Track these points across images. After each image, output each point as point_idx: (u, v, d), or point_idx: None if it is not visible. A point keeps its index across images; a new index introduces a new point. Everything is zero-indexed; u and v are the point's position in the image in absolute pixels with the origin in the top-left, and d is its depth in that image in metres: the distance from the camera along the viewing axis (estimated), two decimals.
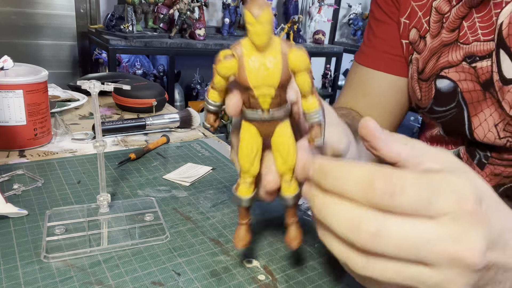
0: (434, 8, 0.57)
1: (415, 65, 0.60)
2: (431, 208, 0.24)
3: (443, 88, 0.56)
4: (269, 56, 0.26)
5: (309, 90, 0.28)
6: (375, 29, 0.67)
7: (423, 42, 0.58)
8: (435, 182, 0.25)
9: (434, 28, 0.57)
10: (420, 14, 0.58)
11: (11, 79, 0.59)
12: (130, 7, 1.81)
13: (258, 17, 0.24)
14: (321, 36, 2.51)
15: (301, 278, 0.39)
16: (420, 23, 0.59)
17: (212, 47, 1.99)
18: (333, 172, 0.26)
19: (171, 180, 0.57)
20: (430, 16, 0.57)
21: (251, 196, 0.33)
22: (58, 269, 0.37)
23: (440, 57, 0.56)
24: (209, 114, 0.32)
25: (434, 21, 0.57)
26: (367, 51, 0.68)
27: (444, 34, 0.55)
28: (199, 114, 0.82)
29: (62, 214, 0.45)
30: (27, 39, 1.93)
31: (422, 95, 0.60)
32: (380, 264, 0.25)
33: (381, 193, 0.24)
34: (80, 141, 0.68)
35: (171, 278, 0.37)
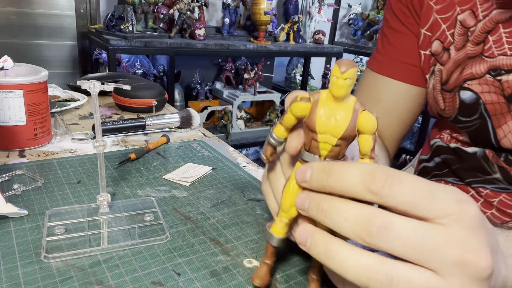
0: (459, 22, 0.57)
1: (438, 76, 0.61)
2: (432, 207, 0.24)
3: (466, 99, 0.57)
4: (342, 110, 0.28)
5: (368, 152, 0.30)
6: (390, 37, 0.67)
7: (447, 54, 0.59)
8: (433, 184, 0.25)
9: (458, 41, 0.57)
10: (444, 26, 0.59)
11: (11, 79, 0.59)
12: (130, 7, 1.81)
13: (344, 73, 0.27)
14: (321, 36, 2.51)
15: (301, 278, 0.39)
16: (444, 36, 0.59)
17: (212, 47, 1.99)
18: (335, 168, 0.27)
19: (171, 180, 0.57)
20: (455, 29, 0.57)
21: (283, 237, 0.33)
22: (58, 269, 0.37)
23: (464, 69, 0.57)
24: (268, 146, 0.33)
25: (458, 34, 0.57)
26: (382, 59, 0.68)
27: (469, 47, 0.56)
28: (199, 114, 0.82)
29: (62, 214, 0.45)
30: (27, 39, 1.93)
31: (446, 105, 0.60)
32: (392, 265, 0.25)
33: (381, 182, 0.25)
34: (80, 141, 0.68)
35: (171, 278, 0.37)
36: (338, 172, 0.26)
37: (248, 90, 2.27)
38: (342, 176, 0.26)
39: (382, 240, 0.24)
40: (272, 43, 2.26)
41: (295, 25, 2.38)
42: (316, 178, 0.28)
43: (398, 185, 0.25)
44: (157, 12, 1.96)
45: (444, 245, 0.24)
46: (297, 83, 2.69)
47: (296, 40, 2.42)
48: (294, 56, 2.68)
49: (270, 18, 2.20)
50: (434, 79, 0.62)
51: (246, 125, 2.35)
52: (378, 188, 0.25)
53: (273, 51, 2.22)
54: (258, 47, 2.14)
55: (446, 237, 0.24)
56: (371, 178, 0.25)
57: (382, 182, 0.25)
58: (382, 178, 0.25)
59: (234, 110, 2.20)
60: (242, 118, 2.34)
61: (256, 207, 0.52)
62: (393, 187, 0.25)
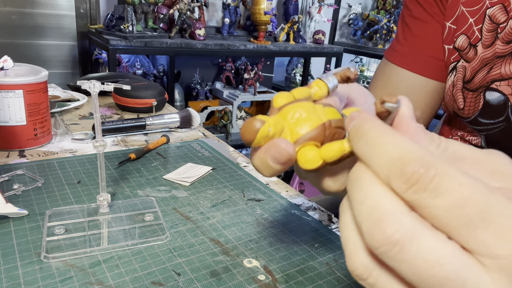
0: (488, 16, 0.53)
1: (460, 73, 0.57)
2: (473, 239, 0.18)
3: (493, 100, 0.54)
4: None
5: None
6: (412, 27, 0.63)
7: (473, 51, 0.55)
8: (493, 196, 0.17)
9: (487, 38, 0.54)
10: (471, 20, 0.55)
11: (11, 79, 0.59)
12: (130, 7, 1.81)
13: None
14: (321, 36, 2.50)
15: (301, 278, 0.39)
16: (471, 31, 0.55)
17: (212, 47, 1.99)
18: (369, 134, 0.20)
19: (171, 180, 0.57)
20: (483, 24, 0.54)
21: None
22: (58, 269, 0.37)
23: (492, 68, 0.53)
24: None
25: (487, 30, 0.53)
26: (402, 50, 0.64)
27: (498, 45, 0.53)
28: (199, 114, 0.82)
29: (62, 214, 0.45)
30: (27, 39, 1.93)
31: (466, 105, 0.57)
32: (385, 280, 0.20)
33: (408, 181, 0.18)
34: (80, 141, 0.68)
35: (171, 278, 0.37)
36: (367, 142, 0.20)
37: (248, 90, 2.27)
38: (369, 149, 0.20)
39: (386, 253, 0.18)
40: (272, 43, 2.26)
41: (295, 25, 2.37)
42: (350, 135, 0.22)
43: (431, 194, 0.18)
44: (157, 12, 1.96)
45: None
46: (297, 83, 2.69)
47: (296, 40, 2.42)
48: (294, 56, 2.67)
49: (270, 18, 2.19)
50: (456, 76, 0.58)
51: None
52: (402, 188, 0.19)
53: (273, 51, 2.22)
54: (258, 47, 2.14)
55: (480, 284, 0.17)
56: (398, 171, 0.19)
57: (409, 182, 0.18)
58: (412, 176, 0.18)
59: (234, 110, 2.20)
60: (242, 118, 2.34)
61: (256, 207, 0.52)
62: (423, 195, 0.18)
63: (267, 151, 0.25)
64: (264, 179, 0.61)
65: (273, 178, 0.62)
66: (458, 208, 0.17)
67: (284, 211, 0.52)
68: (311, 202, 0.55)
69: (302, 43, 2.44)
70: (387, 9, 2.88)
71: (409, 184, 0.18)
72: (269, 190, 0.57)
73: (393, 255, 0.18)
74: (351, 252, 0.21)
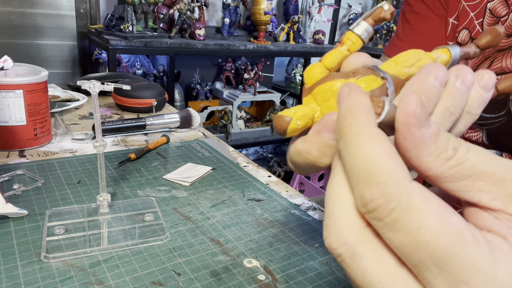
0: (488, 10, 0.53)
1: None
2: (428, 277, 0.17)
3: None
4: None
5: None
6: (413, 23, 0.62)
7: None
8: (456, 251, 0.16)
9: None
10: (472, 15, 0.55)
11: (11, 79, 0.59)
12: (130, 7, 1.81)
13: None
14: (321, 36, 2.50)
15: (301, 278, 0.39)
16: (473, 25, 0.55)
17: (212, 47, 1.99)
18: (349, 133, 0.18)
19: (171, 180, 0.57)
20: (484, 18, 0.54)
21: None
22: (58, 269, 0.37)
23: (493, 62, 0.53)
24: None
25: (488, 24, 0.53)
26: (403, 46, 0.63)
27: None
28: (199, 114, 0.82)
29: (62, 214, 0.45)
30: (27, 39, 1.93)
31: None
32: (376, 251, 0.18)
33: (369, 207, 0.17)
34: (80, 141, 0.68)
35: (171, 278, 0.37)
36: (345, 141, 0.18)
37: (248, 90, 2.27)
38: (345, 149, 0.18)
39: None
40: (272, 43, 2.26)
41: (295, 25, 2.37)
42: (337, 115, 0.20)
43: (386, 226, 0.17)
44: (157, 12, 1.96)
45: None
46: (297, 83, 2.69)
47: (296, 40, 2.42)
48: (294, 56, 2.67)
49: (270, 18, 2.19)
50: None
51: (246, 125, 2.35)
52: (361, 209, 0.18)
53: (273, 51, 2.22)
54: (258, 47, 2.14)
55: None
56: (360, 191, 0.17)
57: (366, 208, 0.17)
58: (370, 203, 0.17)
59: (234, 110, 2.20)
60: (242, 118, 2.34)
61: (256, 207, 0.52)
62: (378, 223, 0.17)
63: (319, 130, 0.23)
64: (264, 179, 0.61)
65: (273, 178, 0.62)
66: (411, 250, 0.16)
67: (284, 211, 0.52)
68: (311, 202, 0.55)
69: (302, 43, 2.44)
70: None
71: (366, 209, 0.17)
72: (269, 190, 0.57)
73: (340, 264, 0.19)
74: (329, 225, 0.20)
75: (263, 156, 2.70)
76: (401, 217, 0.16)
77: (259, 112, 2.58)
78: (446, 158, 0.18)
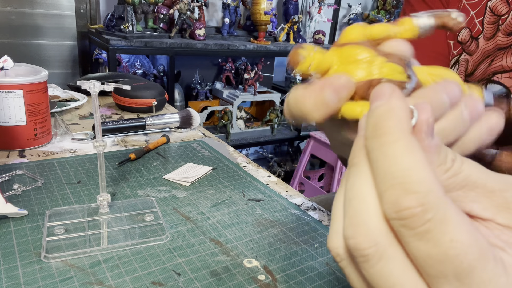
0: (489, 8, 0.54)
1: (463, 66, 0.57)
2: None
3: (495, 93, 0.54)
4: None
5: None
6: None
7: (475, 43, 0.55)
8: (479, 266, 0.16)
9: (488, 30, 0.54)
10: (472, 13, 0.56)
11: (11, 79, 0.59)
12: (130, 7, 1.81)
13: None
14: (321, 36, 2.50)
15: (301, 278, 0.39)
16: (473, 23, 0.55)
17: (212, 47, 1.99)
18: (386, 135, 0.18)
19: (171, 180, 0.57)
20: (484, 17, 0.54)
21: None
22: (58, 269, 0.37)
23: (494, 61, 0.54)
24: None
25: (488, 22, 0.54)
26: None
27: (499, 37, 0.53)
28: (199, 114, 0.82)
29: (62, 214, 0.45)
30: (27, 39, 1.93)
31: None
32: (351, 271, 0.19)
33: (403, 215, 0.17)
34: (80, 141, 0.68)
35: (171, 278, 0.37)
36: (380, 142, 0.18)
37: (248, 90, 2.27)
38: (378, 152, 0.18)
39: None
40: (272, 43, 2.26)
41: (295, 25, 2.37)
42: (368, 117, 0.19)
43: (417, 236, 0.17)
44: (157, 12, 1.96)
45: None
46: (297, 83, 2.69)
47: (296, 40, 2.42)
48: None
49: (270, 18, 2.19)
50: (458, 69, 0.58)
51: (246, 125, 2.35)
52: (390, 215, 0.17)
53: (273, 51, 2.22)
54: (258, 47, 2.14)
55: None
56: (394, 197, 0.17)
57: (399, 215, 0.17)
58: (405, 212, 0.17)
59: (234, 110, 2.20)
60: (242, 118, 2.34)
61: (256, 207, 0.52)
62: (408, 232, 0.17)
63: (323, 85, 0.23)
64: (264, 179, 0.61)
65: (273, 178, 0.62)
66: (437, 261, 0.17)
67: (284, 211, 0.52)
68: (311, 202, 0.55)
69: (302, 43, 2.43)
70: (387, 9, 2.88)
71: (398, 216, 0.17)
72: (269, 190, 0.57)
73: (361, 264, 0.18)
74: (335, 231, 0.20)
75: (263, 156, 2.70)
76: (435, 228, 0.16)
77: (259, 112, 2.58)
78: (445, 169, 0.19)
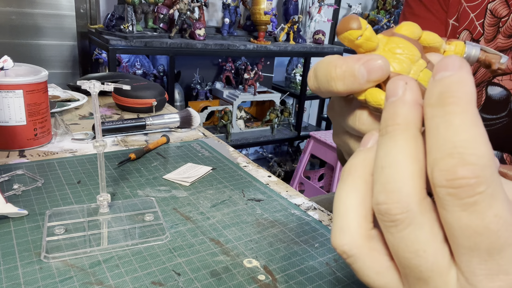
0: (489, 11, 0.54)
1: None
2: (473, 262, 0.18)
3: (495, 95, 0.54)
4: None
5: (440, 40, 0.25)
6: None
7: None
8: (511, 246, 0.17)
9: (489, 32, 0.54)
10: (472, 15, 0.56)
11: (11, 79, 0.59)
12: (130, 7, 1.81)
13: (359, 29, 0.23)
14: (321, 36, 2.50)
15: (301, 278, 0.39)
16: (473, 25, 0.56)
17: (212, 47, 1.99)
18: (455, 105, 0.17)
19: (171, 180, 0.57)
20: (485, 19, 0.54)
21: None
22: (58, 269, 0.37)
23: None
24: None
25: (489, 24, 0.54)
26: None
27: (500, 40, 0.53)
28: (199, 114, 0.82)
29: (62, 214, 0.45)
30: (27, 39, 1.93)
31: None
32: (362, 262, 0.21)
33: (454, 184, 0.17)
34: (80, 141, 0.68)
35: (171, 278, 0.37)
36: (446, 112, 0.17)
37: (248, 90, 2.27)
38: (441, 121, 0.17)
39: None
40: (272, 43, 2.26)
41: (295, 25, 2.37)
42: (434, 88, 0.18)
43: (463, 206, 0.17)
44: (157, 12, 1.96)
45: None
46: (297, 83, 2.69)
47: (296, 40, 2.42)
48: (294, 56, 2.67)
49: (270, 18, 2.19)
50: None
51: (246, 125, 2.35)
52: (440, 182, 0.17)
53: (273, 51, 2.22)
54: (258, 47, 2.14)
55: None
56: (449, 165, 0.17)
57: (450, 183, 0.17)
58: (458, 181, 0.17)
59: (234, 110, 2.20)
60: (242, 118, 2.34)
61: (256, 207, 0.52)
62: (454, 202, 0.17)
63: (360, 59, 0.23)
64: (264, 179, 0.61)
65: (273, 178, 0.62)
66: (475, 233, 0.17)
67: (284, 211, 0.52)
68: (311, 202, 0.55)
69: (302, 43, 2.44)
70: (387, 9, 2.88)
71: (449, 184, 0.17)
72: (269, 190, 0.57)
73: (388, 229, 0.19)
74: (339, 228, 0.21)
75: (263, 156, 2.70)
76: (483, 201, 0.17)
77: (259, 112, 2.58)
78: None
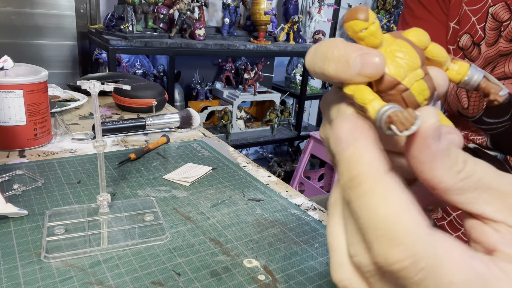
0: (490, 15, 0.53)
1: None
2: None
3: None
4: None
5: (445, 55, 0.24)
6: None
7: (477, 50, 0.55)
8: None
9: (490, 36, 0.54)
10: (474, 19, 0.55)
11: (11, 79, 0.59)
12: (130, 7, 1.81)
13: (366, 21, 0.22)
14: (321, 36, 2.50)
15: (301, 278, 0.39)
16: (475, 29, 0.55)
17: (212, 47, 1.99)
18: (362, 184, 0.17)
19: (171, 180, 0.57)
20: (486, 23, 0.54)
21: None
22: (58, 269, 0.37)
23: (496, 67, 0.54)
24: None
25: (490, 28, 0.54)
26: None
27: (501, 44, 0.53)
28: (199, 114, 0.82)
29: (62, 214, 0.45)
30: (27, 39, 1.93)
31: (471, 104, 0.57)
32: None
33: (394, 268, 0.17)
34: (80, 141, 0.68)
35: (171, 278, 0.37)
36: (358, 194, 0.18)
37: (248, 90, 2.27)
38: (357, 204, 0.18)
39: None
40: (272, 43, 2.26)
41: (295, 25, 2.37)
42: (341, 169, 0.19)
43: (413, 285, 0.17)
44: (157, 12, 1.96)
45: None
46: (297, 83, 2.69)
47: (296, 40, 2.42)
48: (294, 56, 2.67)
49: (270, 18, 2.19)
50: None
51: (246, 125, 2.35)
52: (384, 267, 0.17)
53: (273, 51, 2.22)
54: (258, 47, 2.14)
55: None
56: (382, 250, 0.17)
57: (391, 268, 0.16)
58: (395, 265, 0.16)
59: (234, 110, 2.20)
60: (242, 118, 2.34)
61: (256, 207, 0.52)
62: (404, 282, 0.17)
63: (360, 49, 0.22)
64: (264, 179, 0.61)
65: (273, 178, 0.62)
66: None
67: (284, 211, 0.52)
68: (311, 202, 0.55)
69: (302, 43, 2.44)
70: (387, 9, 2.88)
71: (390, 269, 0.17)
72: (269, 190, 0.57)
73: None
74: (338, 264, 0.21)
75: (263, 156, 2.70)
76: (430, 275, 0.16)
77: (259, 112, 2.58)
78: (457, 170, 0.19)
